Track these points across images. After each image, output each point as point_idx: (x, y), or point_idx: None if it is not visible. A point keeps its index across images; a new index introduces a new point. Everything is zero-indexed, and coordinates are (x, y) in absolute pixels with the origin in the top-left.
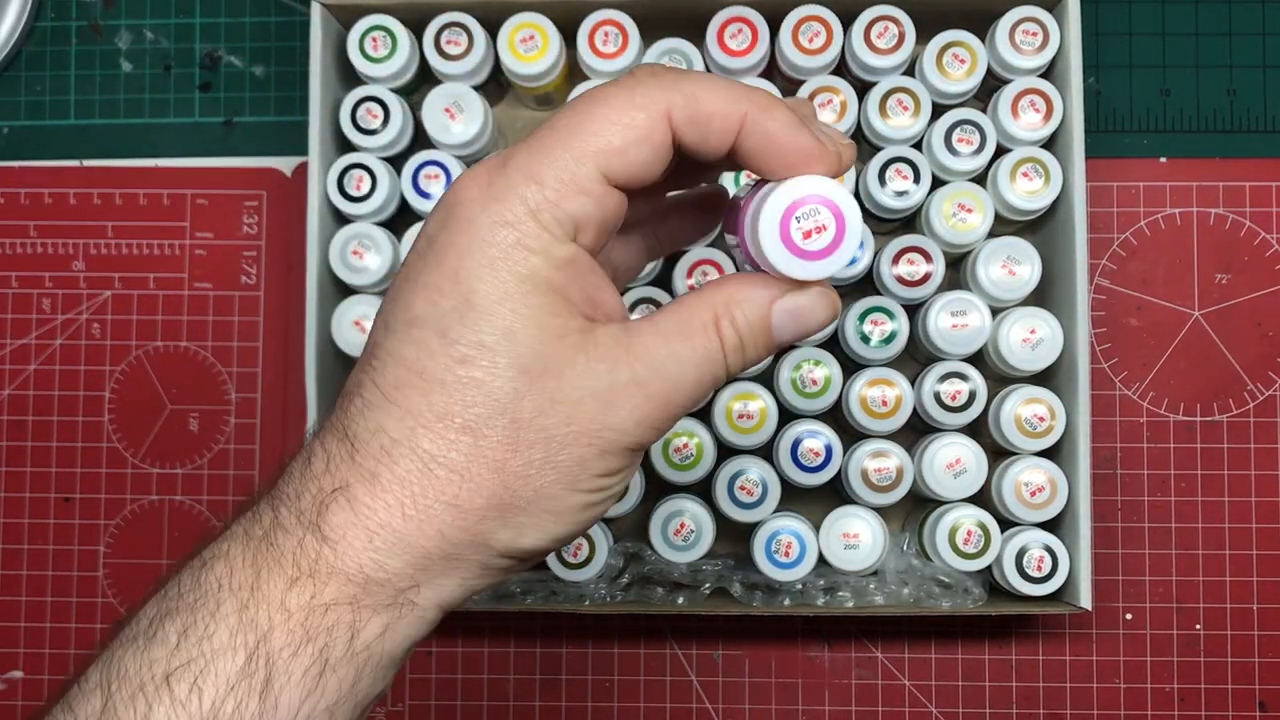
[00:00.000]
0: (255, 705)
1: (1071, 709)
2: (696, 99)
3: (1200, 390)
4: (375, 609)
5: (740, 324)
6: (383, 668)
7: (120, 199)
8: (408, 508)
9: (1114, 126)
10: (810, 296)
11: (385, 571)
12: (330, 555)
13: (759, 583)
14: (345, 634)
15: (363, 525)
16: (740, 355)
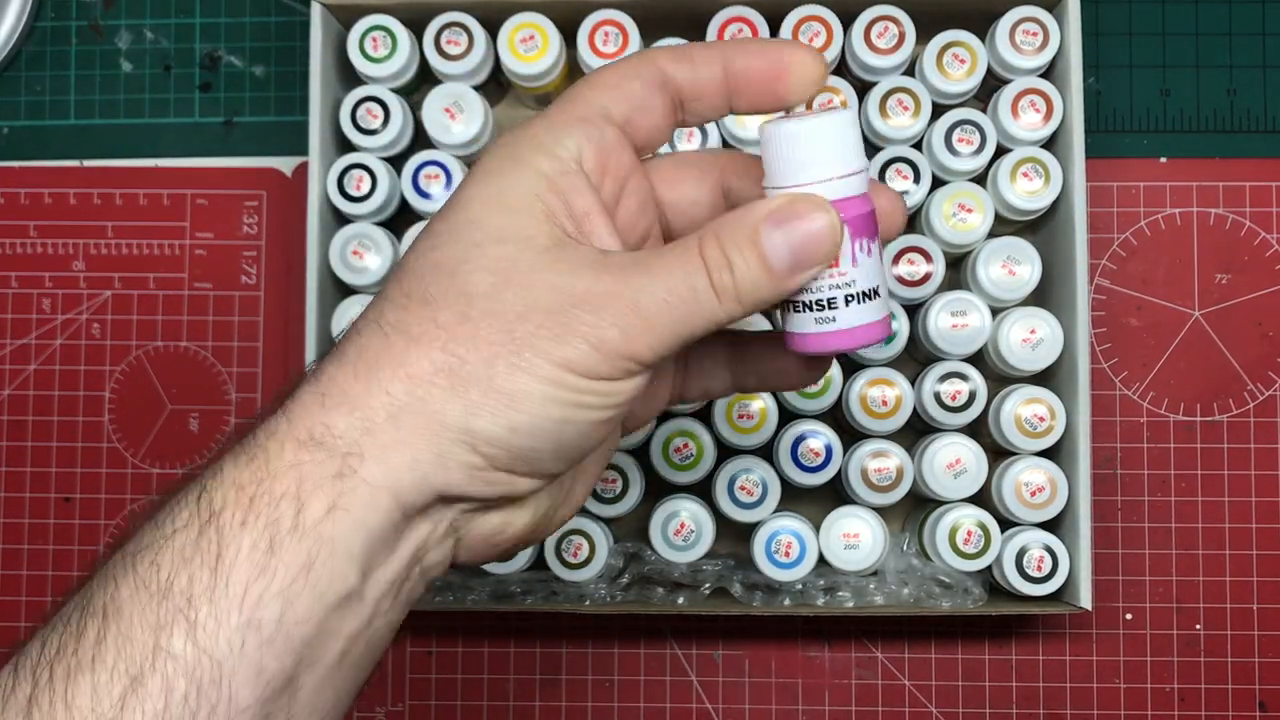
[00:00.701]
0: (207, 578)
1: (1071, 709)
2: (679, 48)
3: (1200, 390)
4: (320, 482)
5: (725, 239)
6: (339, 559)
7: (120, 199)
8: (360, 371)
9: (1114, 126)
10: (802, 205)
11: (331, 434)
12: (284, 424)
13: (759, 583)
14: (291, 508)
15: (318, 391)
16: (729, 275)
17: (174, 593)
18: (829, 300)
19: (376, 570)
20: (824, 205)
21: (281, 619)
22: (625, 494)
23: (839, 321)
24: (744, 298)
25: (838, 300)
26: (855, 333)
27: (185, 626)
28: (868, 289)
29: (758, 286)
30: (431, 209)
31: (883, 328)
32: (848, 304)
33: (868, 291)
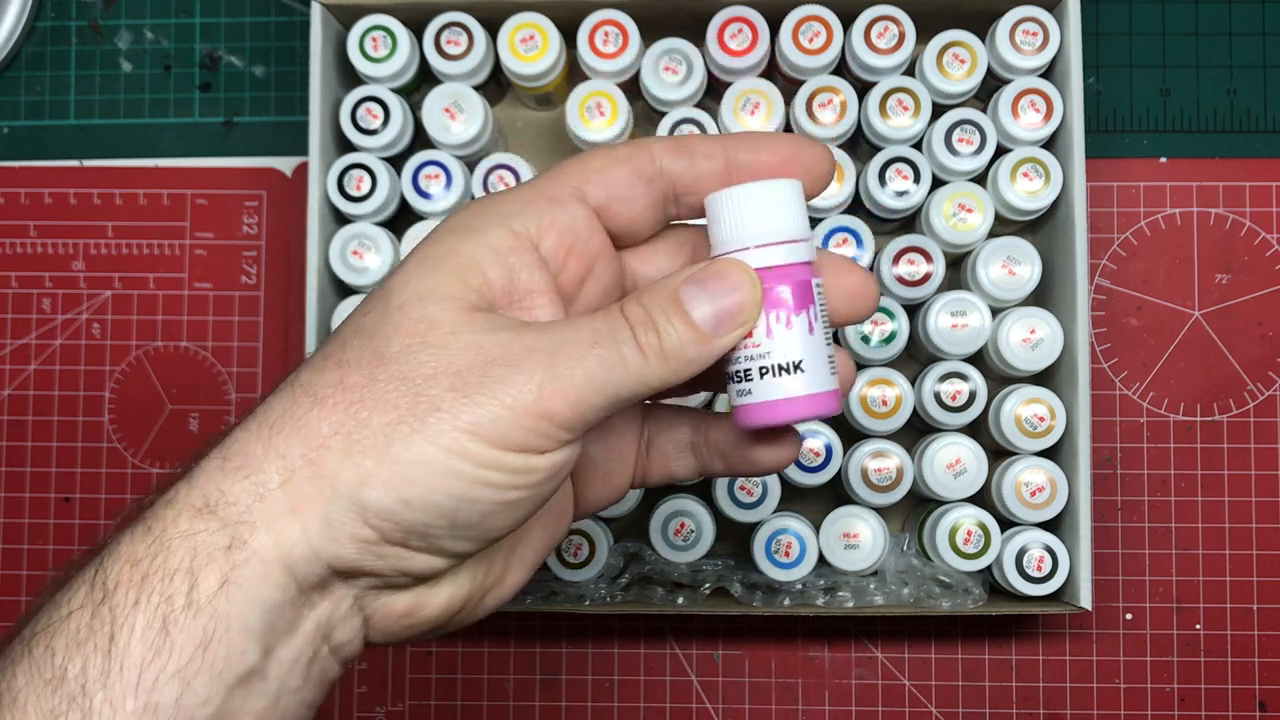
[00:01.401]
0: (101, 662)
1: (1071, 709)
2: (678, 138)
3: (1200, 390)
4: (212, 554)
5: (648, 300)
6: (235, 636)
7: (120, 199)
8: (263, 433)
9: (1114, 126)
10: (721, 263)
11: (225, 500)
12: (184, 490)
13: (759, 583)
14: (184, 584)
15: (221, 454)
16: (654, 334)
17: (68, 679)
18: (744, 371)
19: (279, 648)
20: (742, 266)
21: (179, 701)
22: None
23: (754, 394)
24: (670, 356)
25: (752, 372)
26: (773, 407)
27: (79, 716)
28: (786, 362)
29: (684, 345)
30: (431, 209)
31: (812, 404)
32: (762, 376)
33: (785, 365)
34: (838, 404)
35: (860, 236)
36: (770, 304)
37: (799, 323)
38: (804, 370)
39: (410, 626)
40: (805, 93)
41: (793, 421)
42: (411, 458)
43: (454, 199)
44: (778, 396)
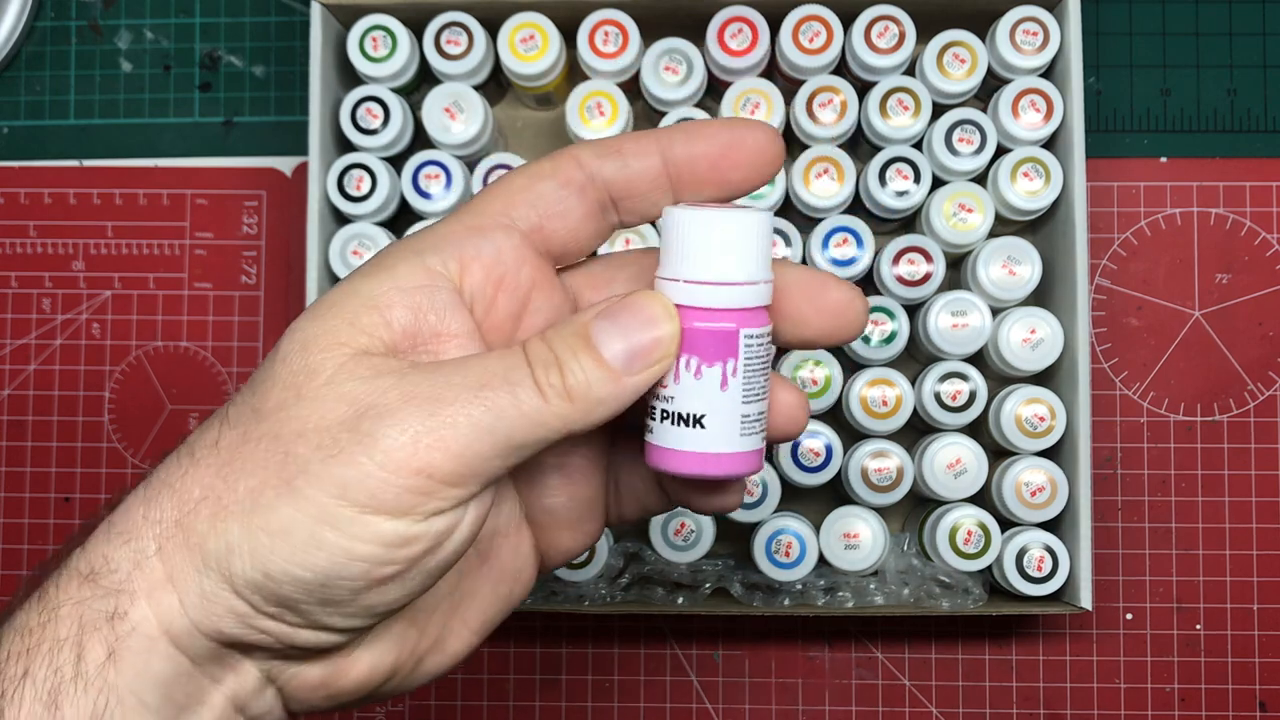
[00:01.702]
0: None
1: (1072, 709)
2: (603, 140)
3: (1201, 390)
4: (97, 624)
5: (552, 336)
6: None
7: (120, 199)
8: (149, 494)
9: (1114, 126)
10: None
11: (108, 566)
12: (78, 554)
13: (759, 583)
14: (72, 654)
15: (111, 519)
16: (556, 372)
17: None
18: (652, 408)
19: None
20: (660, 300)
21: None
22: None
23: (655, 436)
24: (577, 396)
25: (656, 412)
26: (668, 456)
27: None
28: (687, 413)
29: (592, 384)
30: (431, 209)
31: (705, 463)
32: (662, 420)
33: (686, 416)
34: (746, 466)
35: (860, 236)
36: (686, 347)
37: (710, 375)
38: (704, 427)
39: (330, 697)
40: (805, 92)
41: (685, 476)
42: (275, 526)
43: (454, 199)
44: (673, 446)
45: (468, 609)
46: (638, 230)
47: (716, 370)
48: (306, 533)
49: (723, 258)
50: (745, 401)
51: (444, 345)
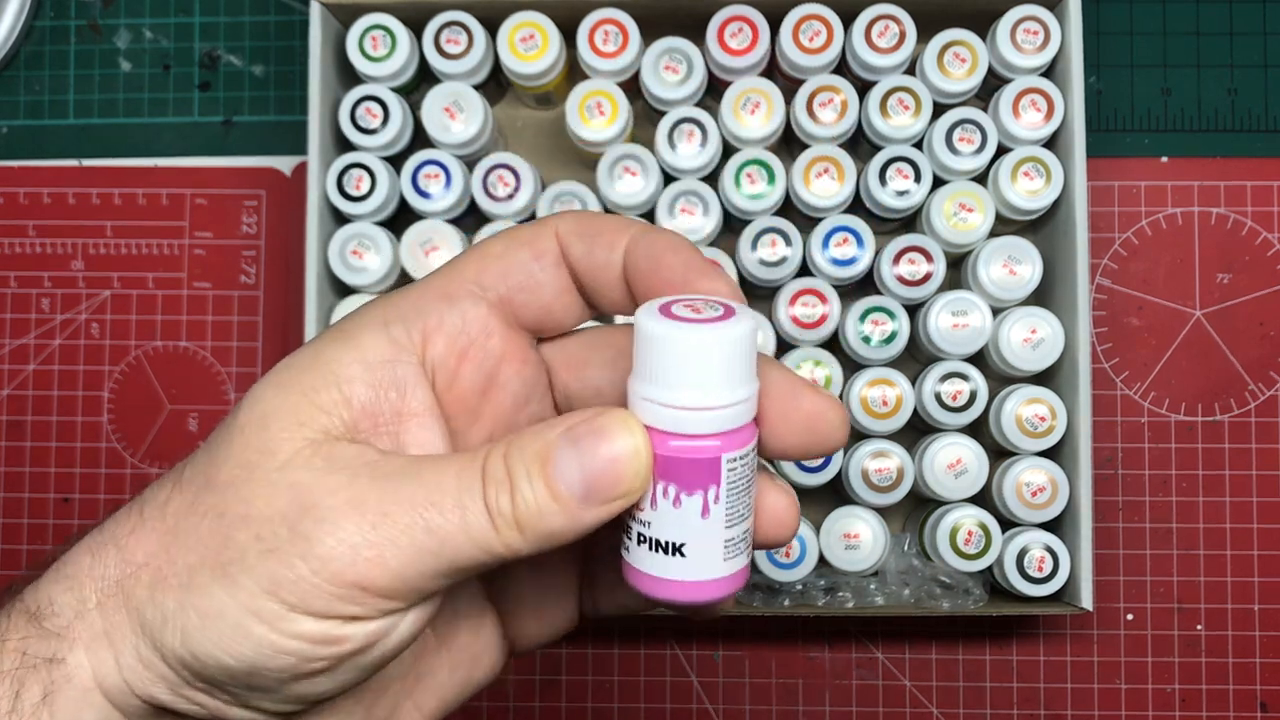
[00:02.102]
0: None
1: (1072, 710)
2: (586, 217)
3: (1201, 390)
4: (37, 664)
5: (513, 453)
6: None
7: (119, 199)
8: (98, 542)
9: (1115, 126)
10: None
11: (52, 609)
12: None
13: (759, 583)
14: (11, 689)
15: (63, 561)
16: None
17: None
18: (628, 528)
19: None
20: (629, 426)
21: None
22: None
23: (633, 558)
24: (525, 527)
25: (633, 533)
26: (645, 580)
27: None
28: (666, 541)
29: (543, 515)
30: (431, 208)
31: (686, 591)
32: (639, 543)
33: (665, 544)
34: (730, 589)
35: (860, 236)
36: (662, 474)
37: (690, 504)
38: (684, 555)
39: None
40: (805, 92)
41: (664, 602)
42: (207, 608)
43: (453, 198)
44: (652, 572)
45: (422, 692)
46: None
47: (697, 499)
48: (235, 621)
49: (704, 378)
50: (729, 526)
51: (405, 425)
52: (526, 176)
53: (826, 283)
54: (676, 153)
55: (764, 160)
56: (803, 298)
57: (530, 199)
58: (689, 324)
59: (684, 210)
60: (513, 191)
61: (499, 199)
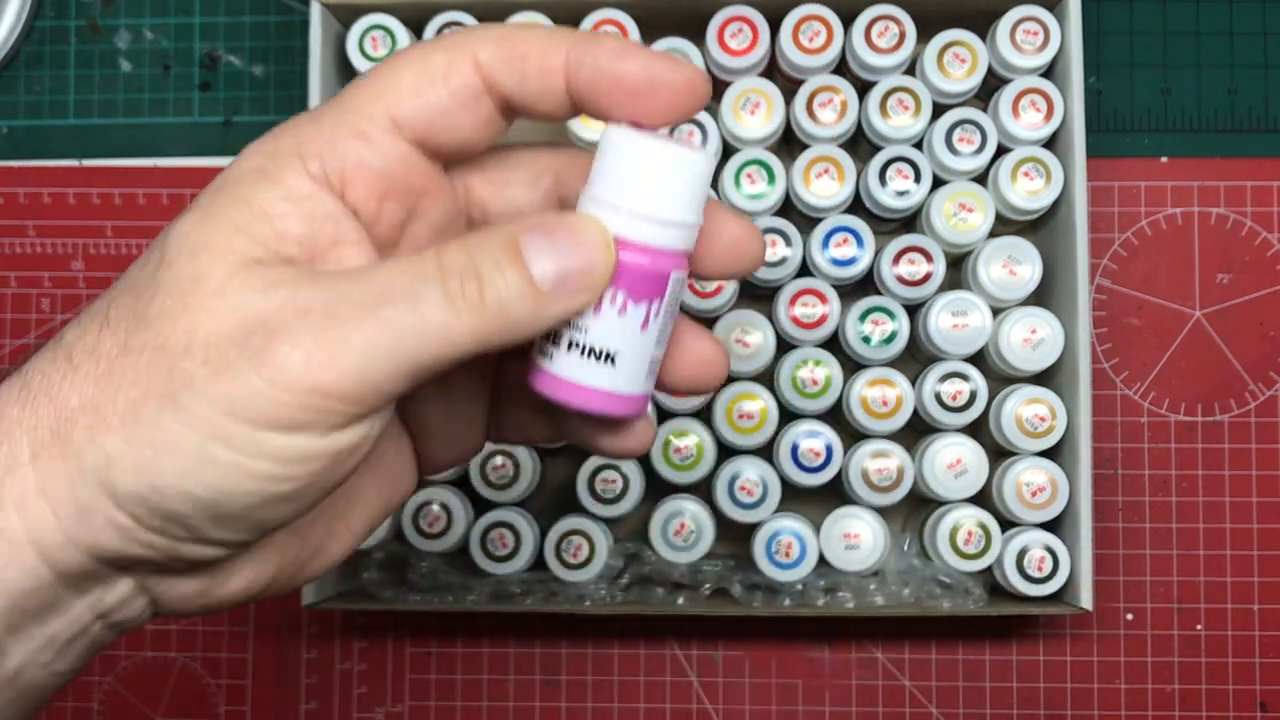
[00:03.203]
0: None
1: (1072, 709)
2: (507, 38)
3: (1201, 390)
4: None
5: (475, 246)
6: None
7: (119, 199)
8: (24, 394)
9: (1115, 126)
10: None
11: None
12: None
13: (759, 583)
14: None
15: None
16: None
17: None
18: (555, 337)
19: (29, 627)
20: (599, 227)
21: None
22: (625, 494)
23: (554, 363)
24: (491, 311)
25: (561, 338)
26: (565, 387)
27: None
28: (600, 349)
29: (513, 301)
30: None
31: (608, 402)
32: (569, 349)
33: (599, 351)
34: (642, 408)
35: (860, 236)
36: (615, 280)
37: (634, 313)
38: (614, 365)
39: (206, 606)
40: (805, 92)
41: (580, 410)
42: (160, 440)
43: None
44: (576, 380)
45: (351, 512)
46: None
47: (641, 309)
48: (195, 448)
49: (673, 196)
50: (657, 345)
51: (343, 253)
52: None
53: (826, 283)
54: None
55: (764, 160)
56: (803, 298)
57: None
58: (648, 135)
59: None
60: None
61: None
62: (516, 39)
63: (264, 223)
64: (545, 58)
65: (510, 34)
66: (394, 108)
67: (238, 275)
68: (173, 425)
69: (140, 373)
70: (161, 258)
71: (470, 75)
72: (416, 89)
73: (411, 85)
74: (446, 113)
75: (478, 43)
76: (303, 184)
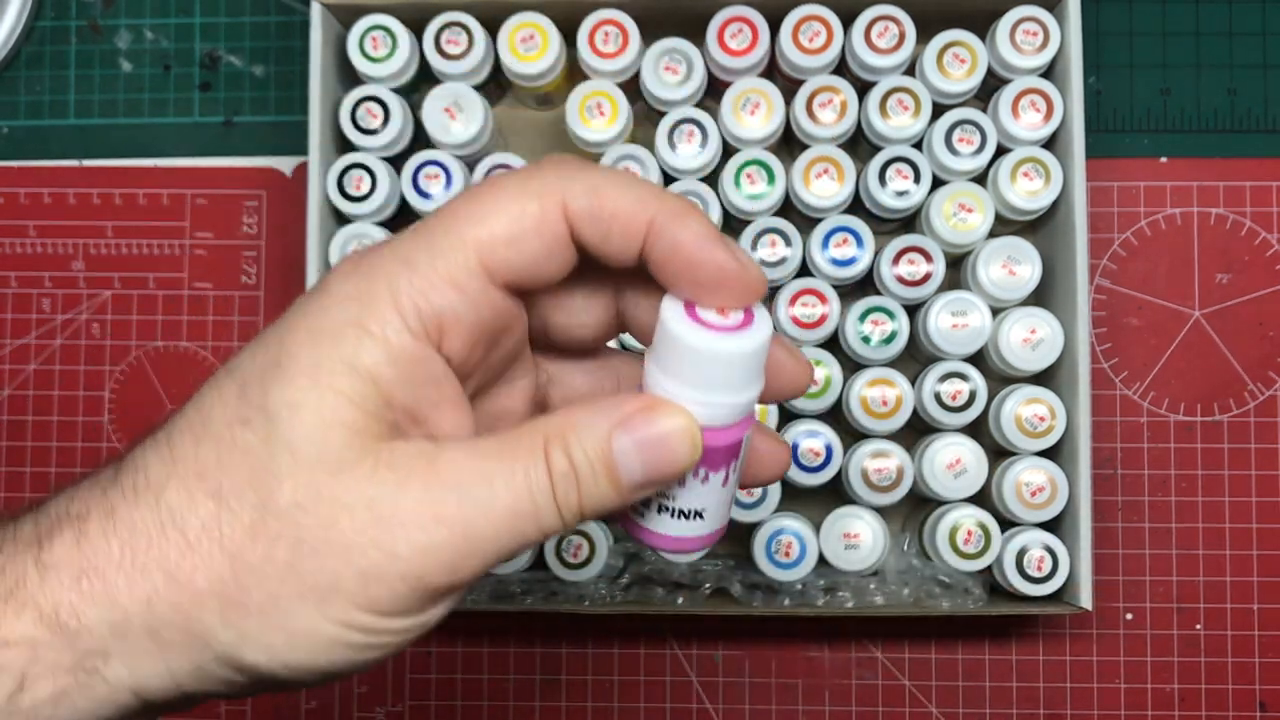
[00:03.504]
0: None
1: (1072, 709)
2: (599, 192)
3: (1201, 390)
4: (54, 668)
5: (574, 450)
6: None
7: (120, 199)
8: (126, 560)
9: (1114, 126)
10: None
11: (79, 621)
12: (35, 581)
13: (759, 583)
14: (11, 683)
15: (78, 562)
16: (573, 488)
17: None
18: (645, 502)
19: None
20: (689, 432)
21: None
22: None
23: (646, 522)
24: (586, 512)
25: (653, 506)
26: (661, 539)
27: None
28: (689, 509)
29: (603, 500)
30: (431, 209)
31: (697, 543)
32: (659, 512)
33: (687, 511)
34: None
35: (860, 236)
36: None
37: (715, 479)
38: (703, 518)
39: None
40: (805, 92)
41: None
42: (296, 628)
43: None
44: (669, 533)
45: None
46: None
47: (721, 473)
48: (329, 635)
49: (734, 379)
50: (738, 486)
51: (444, 416)
52: None
53: (826, 283)
54: (676, 153)
55: (764, 161)
56: (803, 298)
57: None
58: (719, 333)
59: None
60: None
61: None
62: (607, 194)
63: (373, 390)
64: (632, 223)
65: (602, 187)
66: (487, 256)
67: (365, 460)
68: (313, 615)
69: (278, 566)
70: (271, 427)
71: (561, 226)
72: (510, 238)
73: (505, 234)
74: (537, 261)
75: (571, 194)
76: (405, 342)
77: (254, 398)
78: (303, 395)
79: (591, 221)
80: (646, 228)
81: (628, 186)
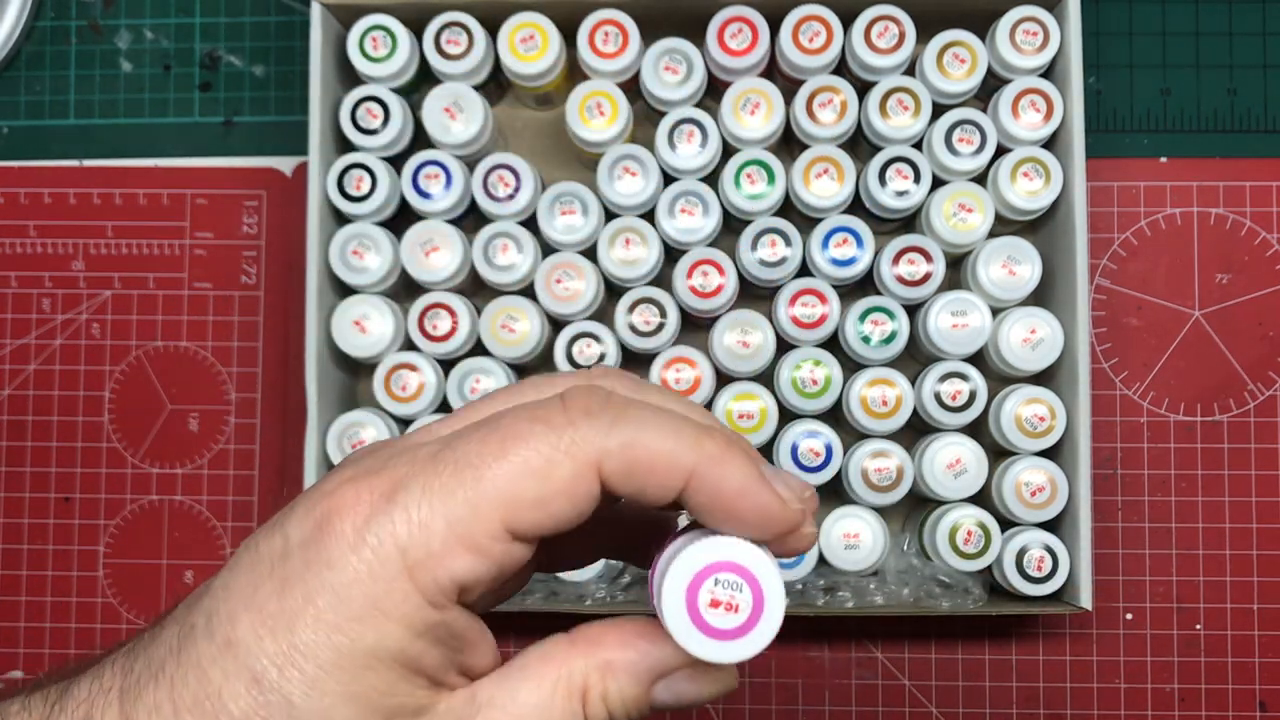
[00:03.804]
0: None
1: (1072, 709)
2: (635, 447)
3: (1201, 390)
4: None
5: (614, 699)
6: None
7: (120, 199)
8: None
9: (1114, 126)
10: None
11: None
12: None
13: None
14: None
15: None
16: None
17: None
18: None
19: None
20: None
21: None
22: None
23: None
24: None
25: None
26: None
27: None
28: None
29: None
30: (431, 208)
31: None
32: None
33: None
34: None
35: (860, 236)
36: None
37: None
38: None
39: None
40: (805, 92)
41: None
42: None
43: (454, 198)
44: None
45: None
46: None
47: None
48: None
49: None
50: None
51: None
52: (527, 177)
53: (826, 283)
54: (676, 153)
55: (764, 160)
56: (803, 298)
57: (530, 199)
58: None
59: (684, 211)
60: (513, 192)
61: (499, 199)
62: (642, 446)
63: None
64: (670, 476)
65: (638, 440)
66: (511, 521)
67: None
68: None
69: None
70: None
71: (594, 486)
72: (538, 501)
73: (533, 498)
74: (564, 520)
75: (606, 454)
76: (427, 614)
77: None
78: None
79: (627, 478)
80: (686, 478)
81: (666, 435)
